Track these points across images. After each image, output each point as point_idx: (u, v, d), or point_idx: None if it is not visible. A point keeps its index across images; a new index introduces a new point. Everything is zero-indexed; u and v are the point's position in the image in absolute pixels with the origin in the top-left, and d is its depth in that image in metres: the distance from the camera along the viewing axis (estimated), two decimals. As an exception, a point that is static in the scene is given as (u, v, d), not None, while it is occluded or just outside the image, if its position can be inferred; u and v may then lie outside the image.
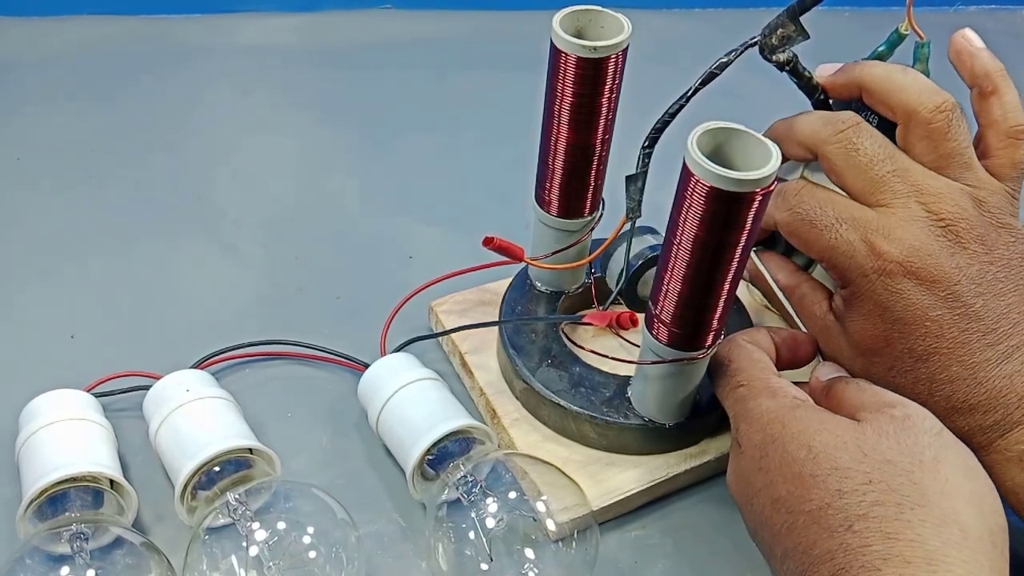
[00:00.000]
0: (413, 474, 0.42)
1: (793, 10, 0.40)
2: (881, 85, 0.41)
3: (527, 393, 0.46)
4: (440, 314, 0.51)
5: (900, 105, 0.40)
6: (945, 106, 0.40)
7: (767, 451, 0.36)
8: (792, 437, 0.36)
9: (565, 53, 0.39)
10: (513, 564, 0.39)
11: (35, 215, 0.59)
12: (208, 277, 0.56)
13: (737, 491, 0.39)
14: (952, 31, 0.42)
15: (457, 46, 0.79)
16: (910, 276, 0.39)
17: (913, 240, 0.39)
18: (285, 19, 0.79)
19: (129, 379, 0.47)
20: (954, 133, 0.40)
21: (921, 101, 0.40)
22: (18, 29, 0.75)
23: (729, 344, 0.41)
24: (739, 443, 0.38)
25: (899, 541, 0.31)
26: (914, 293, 0.39)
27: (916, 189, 0.39)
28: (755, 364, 0.40)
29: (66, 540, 0.38)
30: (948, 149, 0.40)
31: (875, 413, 0.36)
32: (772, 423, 0.37)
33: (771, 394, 0.38)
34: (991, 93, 0.41)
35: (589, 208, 0.46)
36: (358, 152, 0.66)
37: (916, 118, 0.40)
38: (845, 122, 0.41)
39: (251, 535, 0.38)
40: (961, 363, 0.39)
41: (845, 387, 0.39)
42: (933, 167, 0.40)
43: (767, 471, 0.36)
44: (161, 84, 0.71)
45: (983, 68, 0.41)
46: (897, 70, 0.41)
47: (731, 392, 0.40)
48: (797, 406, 0.37)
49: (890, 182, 0.40)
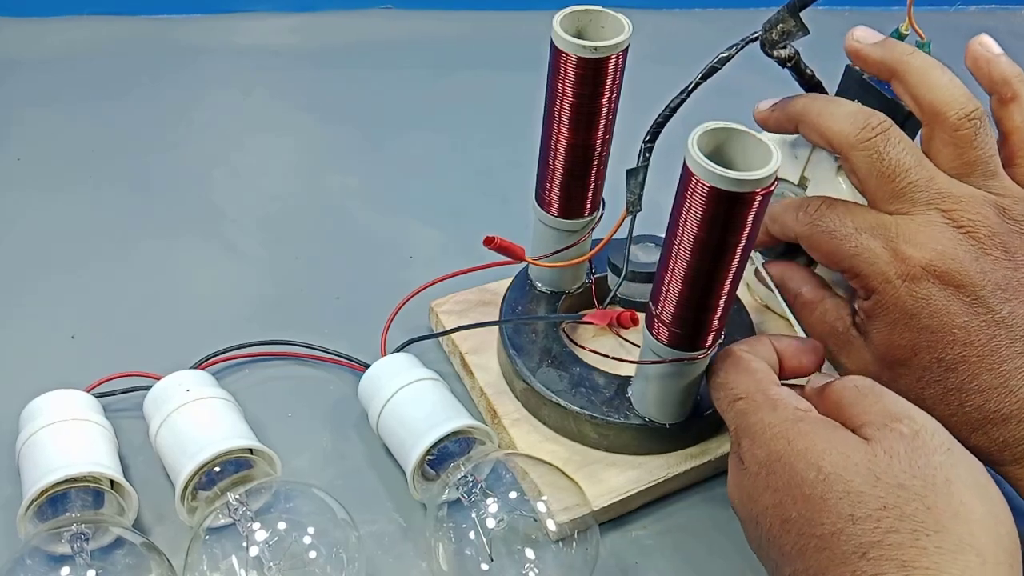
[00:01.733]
0: (413, 474, 0.42)
1: (793, 5, 0.40)
2: (916, 78, 0.40)
3: (527, 393, 0.46)
4: (440, 314, 0.51)
5: (929, 105, 0.39)
6: (975, 114, 0.39)
7: (773, 469, 0.35)
8: (799, 455, 0.34)
9: (565, 53, 0.39)
10: (513, 564, 0.39)
11: (35, 215, 0.59)
12: (208, 277, 0.56)
13: (741, 506, 0.37)
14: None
15: (457, 46, 0.79)
16: (935, 280, 0.38)
17: (936, 244, 0.38)
18: (285, 19, 0.79)
19: (129, 379, 0.47)
20: (980, 141, 0.39)
21: (951, 105, 0.39)
22: (18, 29, 0.75)
23: (726, 356, 0.40)
24: (741, 459, 0.37)
25: (915, 569, 0.31)
26: (940, 298, 0.38)
27: (938, 197, 0.39)
28: (753, 376, 0.38)
29: (66, 540, 0.38)
30: (973, 157, 0.39)
31: (883, 430, 0.34)
32: (776, 439, 0.35)
33: (772, 407, 0.37)
34: (1011, 99, 0.41)
35: (589, 208, 0.46)
36: (358, 152, 0.66)
37: (943, 122, 0.39)
38: (874, 128, 0.39)
39: (251, 535, 0.38)
40: (991, 371, 0.38)
41: (842, 390, 0.37)
42: (956, 173, 0.39)
43: (775, 490, 0.35)
44: (161, 84, 0.71)
45: (1001, 74, 0.41)
46: (935, 67, 0.40)
47: (730, 406, 0.38)
48: (800, 419, 0.36)
49: (912, 191, 0.39)
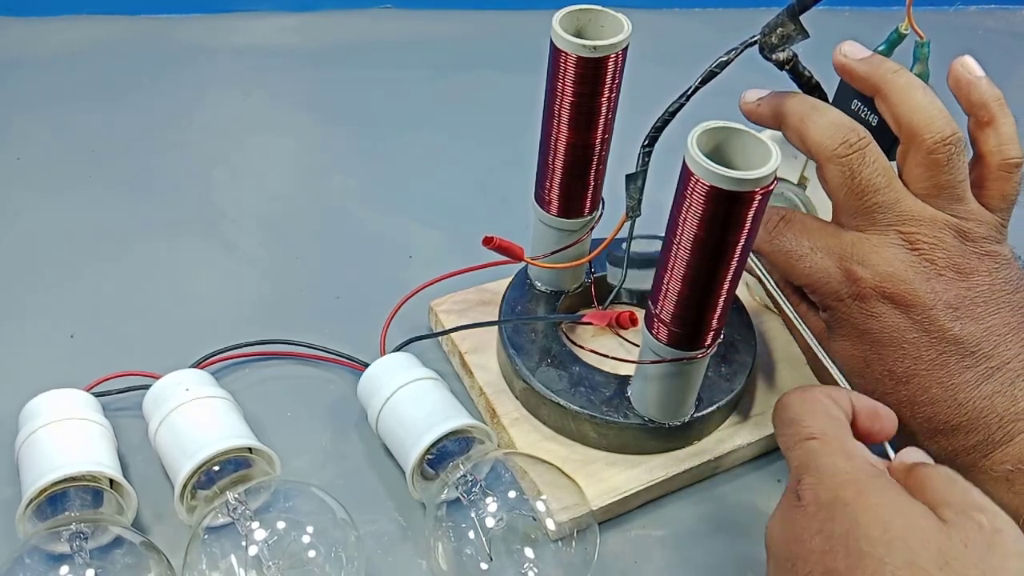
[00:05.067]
0: (413, 474, 0.42)
1: (793, 9, 0.40)
2: (897, 97, 0.40)
3: (527, 393, 0.46)
4: (440, 314, 0.51)
5: (908, 125, 0.40)
6: (951, 140, 0.39)
7: (834, 515, 0.33)
8: (867, 508, 0.32)
9: (565, 52, 0.39)
10: (513, 563, 0.39)
11: (35, 215, 0.59)
12: (208, 277, 0.56)
13: (783, 544, 0.35)
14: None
15: (457, 46, 0.79)
16: (885, 300, 0.40)
17: (887, 266, 0.39)
18: (285, 19, 0.79)
19: (129, 379, 0.47)
20: (952, 167, 0.40)
21: (929, 129, 0.39)
22: (18, 29, 0.75)
23: (803, 394, 0.38)
24: (799, 496, 0.34)
25: None
26: (890, 316, 0.40)
27: (899, 219, 0.40)
28: (833, 421, 0.36)
29: (66, 539, 0.38)
30: (942, 181, 0.40)
31: (963, 516, 0.32)
32: (846, 485, 0.33)
33: (847, 455, 0.35)
34: (987, 123, 0.41)
35: (589, 208, 0.46)
36: (358, 152, 0.66)
37: (919, 144, 0.40)
38: (852, 145, 0.40)
39: (251, 534, 0.38)
40: (940, 384, 0.39)
41: (933, 473, 0.34)
42: (924, 194, 0.40)
43: (829, 536, 0.32)
44: (161, 84, 0.71)
45: (980, 98, 0.41)
46: (918, 87, 0.40)
47: (800, 443, 0.36)
48: (877, 475, 0.34)
49: (876, 211, 0.40)
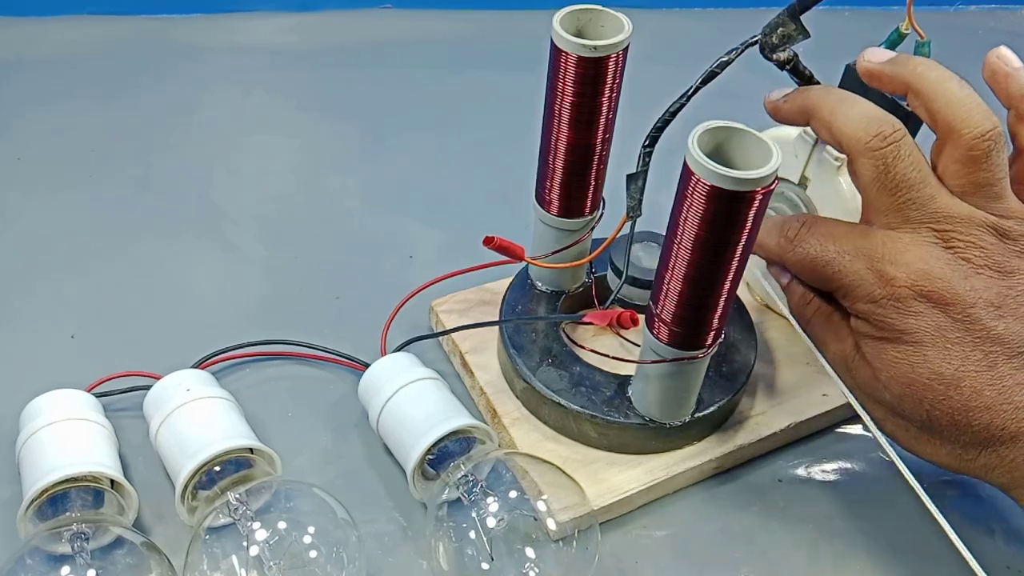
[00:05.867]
0: (414, 474, 0.42)
1: (793, 9, 0.40)
2: (931, 92, 0.38)
3: (527, 392, 0.46)
4: (440, 314, 0.51)
5: (944, 120, 0.38)
6: (990, 135, 0.37)
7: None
8: None
9: (565, 52, 0.39)
10: (514, 563, 0.39)
11: (35, 215, 0.59)
12: (208, 277, 0.56)
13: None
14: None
15: (457, 46, 0.79)
16: (922, 299, 0.37)
17: (921, 263, 0.37)
18: (285, 19, 0.79)
19: (129, 379, 0.47)
20: (991, 163, 0.38)
21: (967, 123, 0.37)
22: (18, 29, 0.75)
23: None
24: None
25: None
26: (929, 315, 0.37)
27: (933, 218, 0.38)
28: None
29: (67, 540, 0.38)
30: (980, 178, 0.38)
31: None
32: None
33: None
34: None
35: (589, 207, 0.46)
36: (358, 152, 0.66)
37: (956, 139, 0.38)
38: (886, 138, 0.38)
39: (252, 535, 0.38)
40: (993, 387, 0.37)
41: None
42: (960, 191, 0.38)
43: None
44: (161, 84, 0.71)
45: (1020, 89, 0.39)
46: (953, 80, 0.38)
47: None
48: None
49: (909, 208, 0.38)
